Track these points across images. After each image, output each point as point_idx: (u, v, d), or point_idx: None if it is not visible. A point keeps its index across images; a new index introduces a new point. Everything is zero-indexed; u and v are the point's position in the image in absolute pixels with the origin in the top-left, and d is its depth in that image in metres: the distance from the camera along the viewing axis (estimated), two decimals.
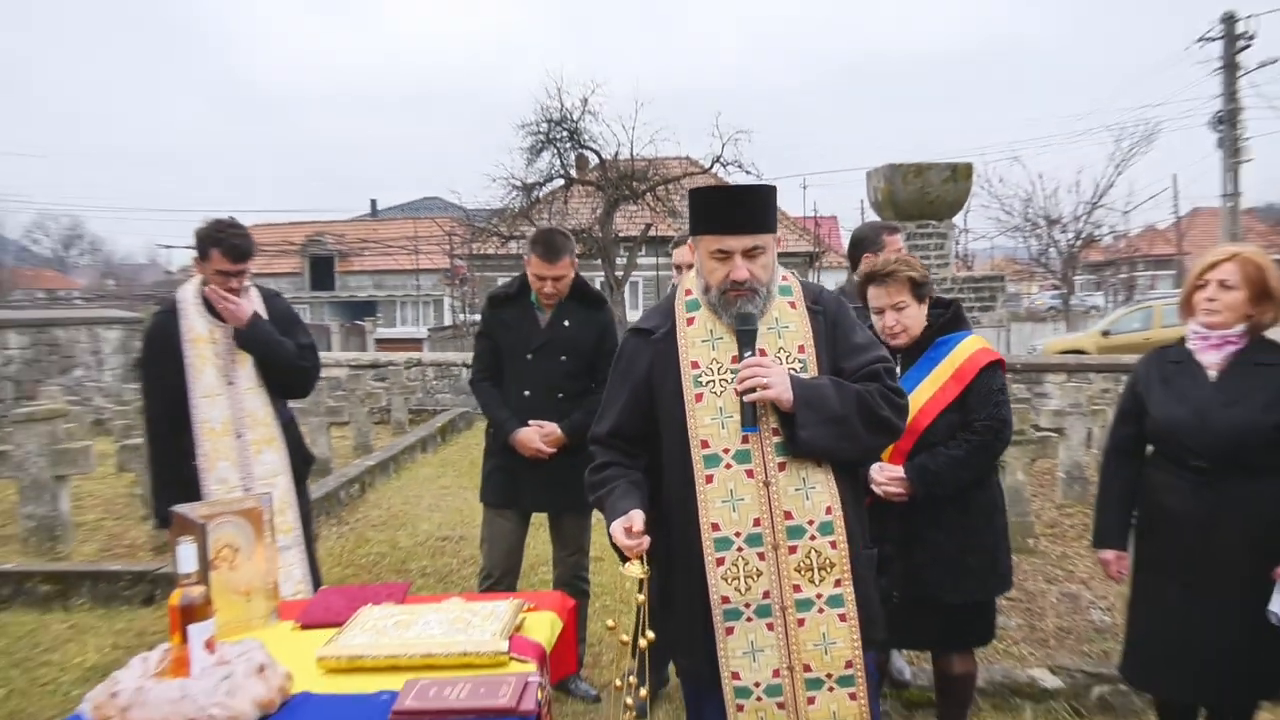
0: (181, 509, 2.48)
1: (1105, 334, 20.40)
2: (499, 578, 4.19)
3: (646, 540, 2.34)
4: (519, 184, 22.53)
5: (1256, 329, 3.01)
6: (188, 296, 3.87)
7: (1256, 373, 2.96)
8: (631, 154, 22.38)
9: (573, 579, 4.30)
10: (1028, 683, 4.13)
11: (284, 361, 3.93)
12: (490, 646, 2.22)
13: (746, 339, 2.44)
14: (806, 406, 2.34)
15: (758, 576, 2.39)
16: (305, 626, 2.62)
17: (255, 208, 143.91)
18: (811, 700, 2.38)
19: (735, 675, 2.39)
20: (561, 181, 23.09)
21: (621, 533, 2.34)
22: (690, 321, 2.51)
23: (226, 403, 3.82)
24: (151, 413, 4.00)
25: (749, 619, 2.39)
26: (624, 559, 2.39)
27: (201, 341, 3.82)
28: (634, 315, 19.89)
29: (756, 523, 2.40)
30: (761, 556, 2.39)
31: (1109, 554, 3.27)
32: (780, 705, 2.38)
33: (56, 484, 6.86)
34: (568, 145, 22.72)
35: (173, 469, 3.86)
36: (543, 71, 55.88)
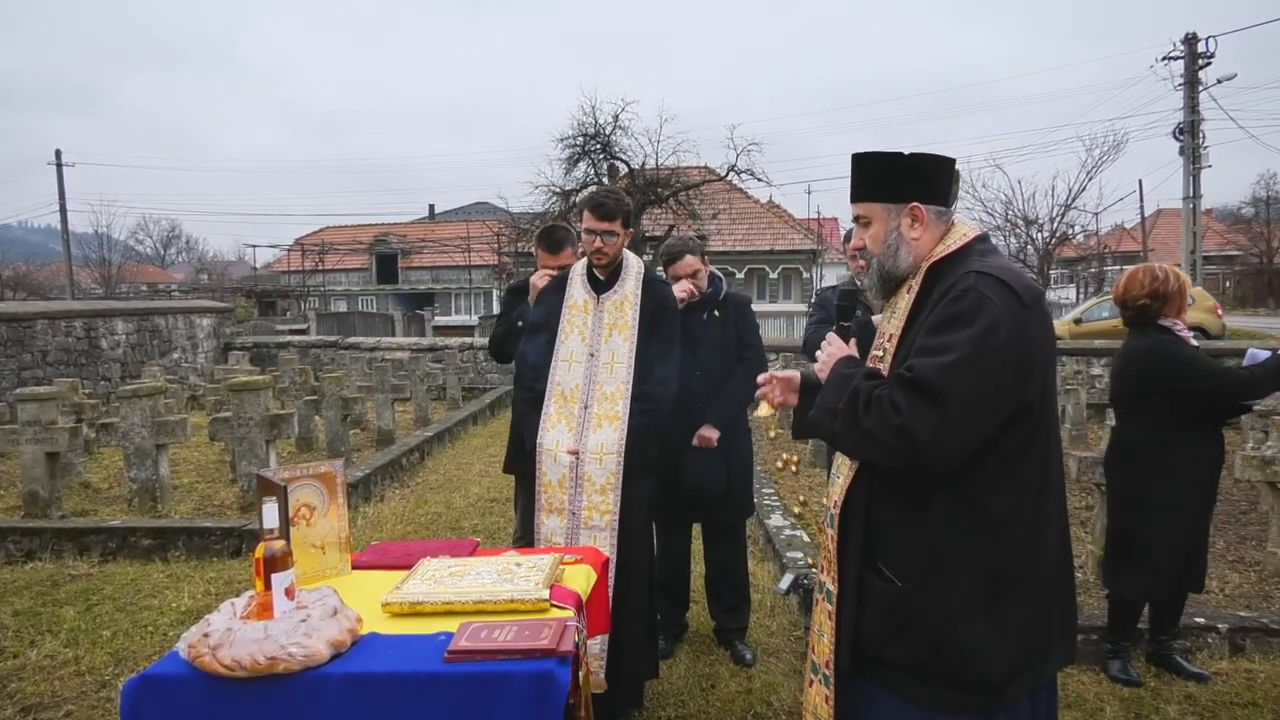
0: (264, 473, 2.49)
1: (1077, 322, 20.07)
2: (520, 536, 4.15)
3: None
4: (558, 190, 22.54)
5: None
6: (578, 268, 3.60)
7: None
8: (657, 164, 22.30)
9: None
10: None
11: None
12: (534, 594, 2.21)
13: (839, 312, 2.22)
14: (825, 389, 1.97)
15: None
16: (370, 568, 2.67)
17: (328, 212, 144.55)
18: (811, 683, 2.09)
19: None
20: (595, 188, 23.06)
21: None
22: None
23: (583, 371, 3.46)
24: (520, 369, 3.70)
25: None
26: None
27: (576, 309, 3.52)
28: None
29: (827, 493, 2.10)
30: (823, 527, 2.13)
31: None
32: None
33: (157, 451, 6.93)
34: (601, 156, 22.68)
35: (522, 418, 3.72)
36: (577, 90, 55.70)
